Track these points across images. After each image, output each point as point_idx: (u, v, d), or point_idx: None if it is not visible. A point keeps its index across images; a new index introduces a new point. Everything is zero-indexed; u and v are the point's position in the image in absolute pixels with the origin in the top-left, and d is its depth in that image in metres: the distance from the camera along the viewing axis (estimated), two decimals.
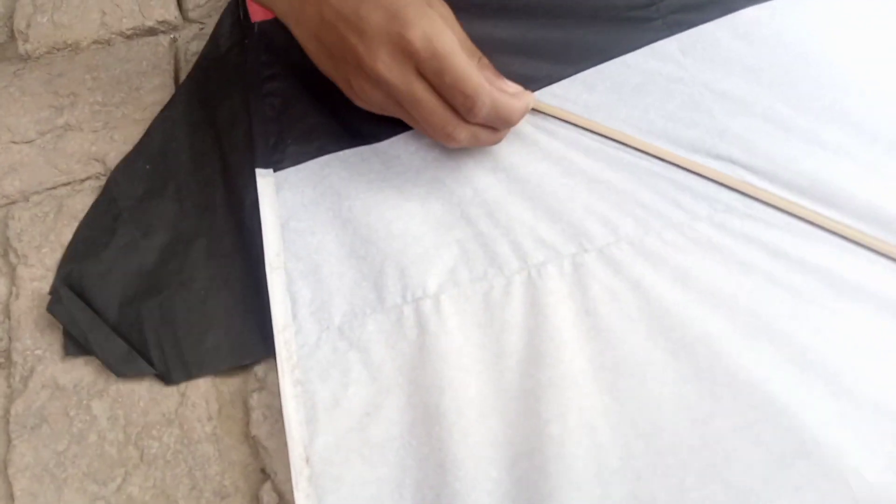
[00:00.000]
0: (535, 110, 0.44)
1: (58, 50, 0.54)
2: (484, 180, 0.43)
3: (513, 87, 0.41)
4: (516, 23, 0.47)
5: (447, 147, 0.44)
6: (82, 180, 0.48)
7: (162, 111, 0.49)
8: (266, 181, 0.44)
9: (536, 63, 0.46)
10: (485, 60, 0.41)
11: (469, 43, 0.41)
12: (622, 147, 0.43)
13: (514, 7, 0.47)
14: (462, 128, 0.39)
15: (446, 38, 0.35)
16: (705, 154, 0.42)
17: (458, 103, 0.37)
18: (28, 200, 0.48)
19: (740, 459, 0.36)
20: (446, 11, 0.39)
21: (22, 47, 0.54)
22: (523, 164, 0.43)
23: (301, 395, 0.40)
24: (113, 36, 0.54)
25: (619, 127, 0.43)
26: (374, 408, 0.39)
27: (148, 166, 0.47)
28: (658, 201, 0.42)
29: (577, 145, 0.43)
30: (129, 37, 0.54)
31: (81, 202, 0.47)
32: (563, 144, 0.44)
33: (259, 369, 0.42)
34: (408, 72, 0.36)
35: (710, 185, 0.41)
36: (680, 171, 0.42)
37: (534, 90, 0.45)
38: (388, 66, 0.36)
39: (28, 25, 0.55)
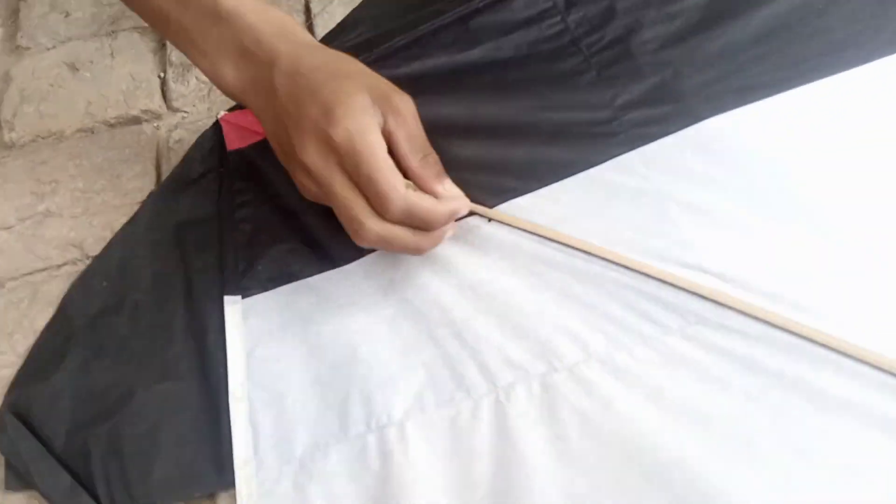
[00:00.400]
0: (501, 223, 0.44)
1: (42, 138, 0.56)
2: (451, 299, 0.43)
3: (450, 190, 0.42)
4: (482, 141, 0.47)
5: (414, 266, 0.44)
6: (59, 266, 0.49)
7: (123, 228, 0.49)
8: (234, 308, 0.44)
9: (501, 178, 0.45)
10: (431, 158, 0.41)
11: (421, 139, 0.41)
12: (590, 258, 0.42)
13: (479, 126, 0.48)
14: (373, 222, 0.39)
15: (367, 138, 0.37)
16: (675, 263, 0.41)
17: (371, 200, 0.38)
18: (4, 286, 0.49)
19: None
20: (404, 105, 0.40)
21: (7, 136, 0.56)
22: (490, 279, 0.43)
23: None
24: (97, 124, 0.56)
25: (585, 238, 0.43)
26: None
27: (105, 283, 0.47)
28: (628, 315, 0.40)
29: (543, 259, 0.43)
30: (112, 125, 0.56)
31: (57, 287, 0.48)
32: (530, 258, 0.43)
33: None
34: (331, 164, 0.38)
35: (681, 295, 0.40)
36: (650, 281, 0.41)
37: (499, 203, 0.45)
38: (313, 158, 0.38)
39: (14, 115, 0.57)
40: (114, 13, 0.63)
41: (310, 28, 0.58)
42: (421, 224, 0.40)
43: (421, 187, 0.41)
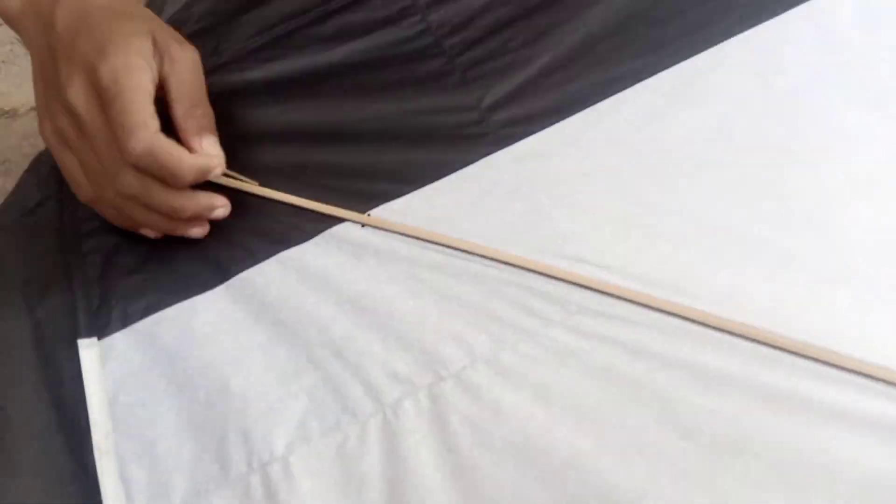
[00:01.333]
0: (376, 228, 0.42)
1: None
2: (328, 315, 0.40)
3: (208, 148, 0.41)
4: (349, 147, 0.45)
5: (286, 285, 0.41)
6: None
7: None
8: (90, 352, 0.40)
9: (372, 183, 0.44)
10: (199, 111, 0.41)
11: (193, 91, 0.40)
12: (469, 257, 0.41)
13: (344, 132, 0.46)
14: (124, 173, 0.37)
15: (133, 77, 0.36)
16: (553, 256, 0.40)
17: (116, 136, 0.36)
18: None
19: None
20: (184, 54, 0.40)
21: None
22: (369, 290, 0.41)
23: None
24: None
25: (463, 237, 0.41)
26: None
27: None
28: (510, 311, 0.39)
29: (422, 262, 0.41)
30: None
31: None
32: (408, 263, 0.41)
33: None
34: (92, 104, 0.37)
35: (561, 286, 0.39)
36: (529, 275, 0.40)
37: (371, 208, 0.43)
38: (77, 93, 0.37)
39: None
40: None
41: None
42: (166, 174, 0.38)
43: (181, 140, 0.40)
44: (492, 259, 0.41)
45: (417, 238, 0.42)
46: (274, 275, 0.42)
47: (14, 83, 0.53)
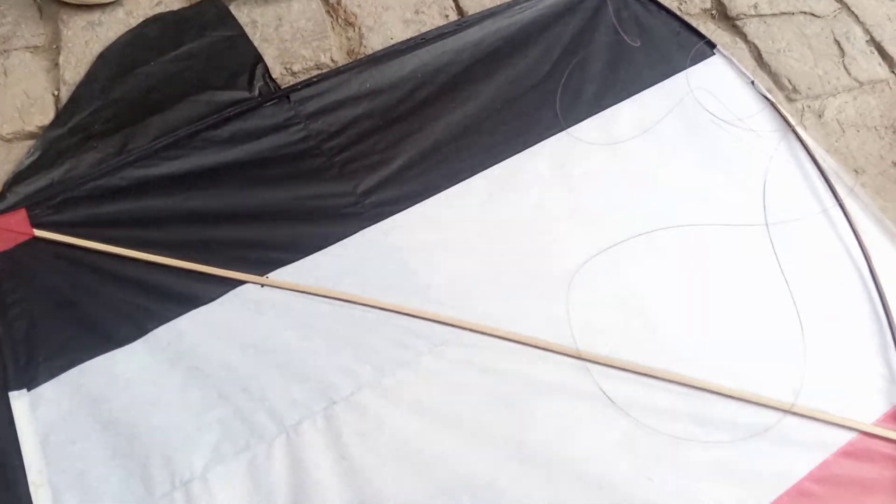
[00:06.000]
0: (273, 287, 0.51)
1: None
2: (235, 359, 0.48)
3: None
4: (248, 225, 0.55)
5: (198, 336, 0.49)
6: None
7: None
8: (20, 402, 0.45)
9: (269, 252, 0.53)
10: None
11: None
12: (351, 306, 0.51)
13: (243, 213, 0.55)
14: None
15: None
16: (419, 301, 0.51)
17: None
18: None
19: None
20: None
21: None
22: (269, 336, 0.49)
23: None
24: None
25: (345, 290, 0.52)
26: None
27: None
28: (388, 346, 0.49)
29: (313, 312, 0.51)
30: (9, 140, 0.59)
31: None
32: (302, 313, 0.50)
33: None
34: None
35: (426, 324, 0.50)
36: (401, 317, 0.51)
37: (269, 272, 0.52)
38: None
39: None
40: (4, 33, 0.64)
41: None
42: None
43: None
44: (370, 306, 0.51)
45: (308, 293, 0.51)
46: (185, 329, 0.49)
47: None
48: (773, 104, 0.63)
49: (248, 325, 0.50)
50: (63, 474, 0.43)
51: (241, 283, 0.52)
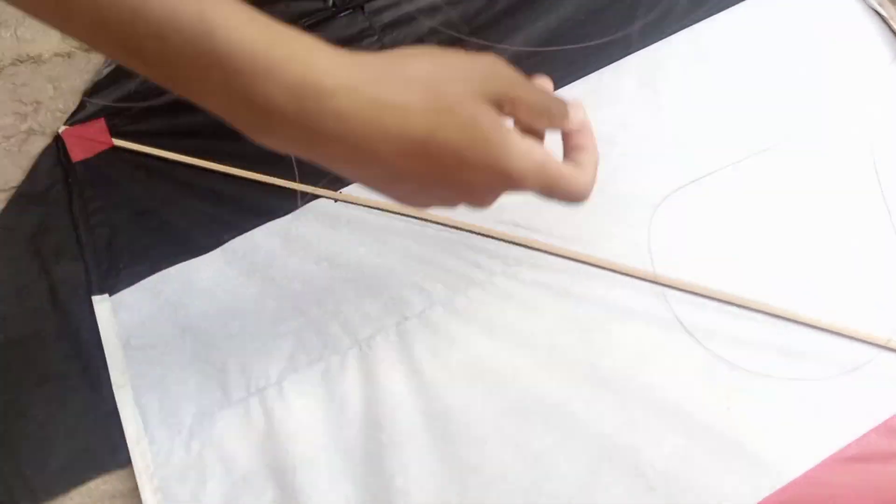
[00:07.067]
0: (347, 202, 0.51)
1: (21, 62, 0.57)
2: (309, 272, 0.48)
3: (574, 119, 0.34)
4: None
5: (272, 248, 0.49)
6: None
7: None
8: (103, 306, 0.47)
9: None
10: (554, 108, 0.33)
11: (540, 102, 0.32)
12: (425, 224, 0.50)
13: None
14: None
15: (535, 154, 0.31)
16: (493, 221, 0.50)
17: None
18: None
19: (558, 472, 0.42)
20: (511, 84, 0.31)
21: None
22: (343, 251, 0.49)
23: (162, 501, 0.42)
24: (73, 49, 0.57)
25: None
26: (233, 499, 0.42)
27: None
28: (461, 265, 0.48)
29: (387, 229, 0.50)
30: (88, 50, 0.58)
31: None
32: (375, 229, 0.50)
33: (117, 480, 0.43)
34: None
35: (501, 244, 0.49)
36: (475, 237, 0.49)
37: (343, 187, 0.51)
38: (489, 201, 0.33)
39: None
40: None
41: None
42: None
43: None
44: (445, 225, 0.50)
45: (382, 209, 0.51)
46: (261, 241, 0.50)
47: (39, 30, 0.58)
48: (884, 20, 0.57)
49: (322, 240, 0.50)
50: (143, 377, 0.45)
51: (316, 197, 0.51)
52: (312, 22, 0.59)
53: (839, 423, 0.43)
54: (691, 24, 0.58)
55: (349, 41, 0.59)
